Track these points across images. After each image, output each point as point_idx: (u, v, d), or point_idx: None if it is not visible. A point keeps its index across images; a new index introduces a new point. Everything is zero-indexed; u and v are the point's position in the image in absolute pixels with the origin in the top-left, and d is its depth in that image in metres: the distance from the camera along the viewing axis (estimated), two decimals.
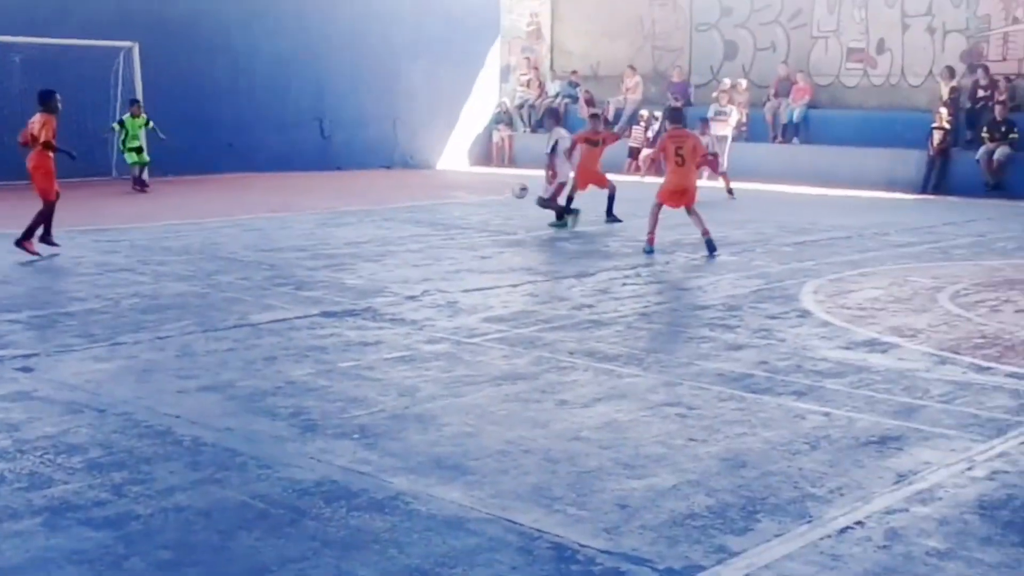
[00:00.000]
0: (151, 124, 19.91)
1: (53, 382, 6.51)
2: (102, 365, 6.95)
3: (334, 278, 10.34)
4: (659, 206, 12.14)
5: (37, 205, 11.28)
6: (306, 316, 8.49)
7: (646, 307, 9.07)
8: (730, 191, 18.91)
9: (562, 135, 14.42)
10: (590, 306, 9.06)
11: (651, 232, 12.12)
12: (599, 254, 12.05)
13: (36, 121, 11.36)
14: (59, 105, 11.47)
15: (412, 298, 9.33)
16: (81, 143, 19.68)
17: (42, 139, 11.24)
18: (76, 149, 12.26)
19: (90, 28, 19.79)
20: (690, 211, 12.10)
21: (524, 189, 14.71)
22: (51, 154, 11.39)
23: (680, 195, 12.14)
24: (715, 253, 11.81)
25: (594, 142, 14.94)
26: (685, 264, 11.45)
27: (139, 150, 19.79)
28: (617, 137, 16.12)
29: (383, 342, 7.67)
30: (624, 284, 10.15)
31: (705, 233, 11.93)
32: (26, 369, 6.80)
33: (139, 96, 20.54)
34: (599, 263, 11.35)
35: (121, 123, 19.71)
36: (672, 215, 12.29)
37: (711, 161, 17.91)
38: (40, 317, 8.33)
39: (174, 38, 21.24)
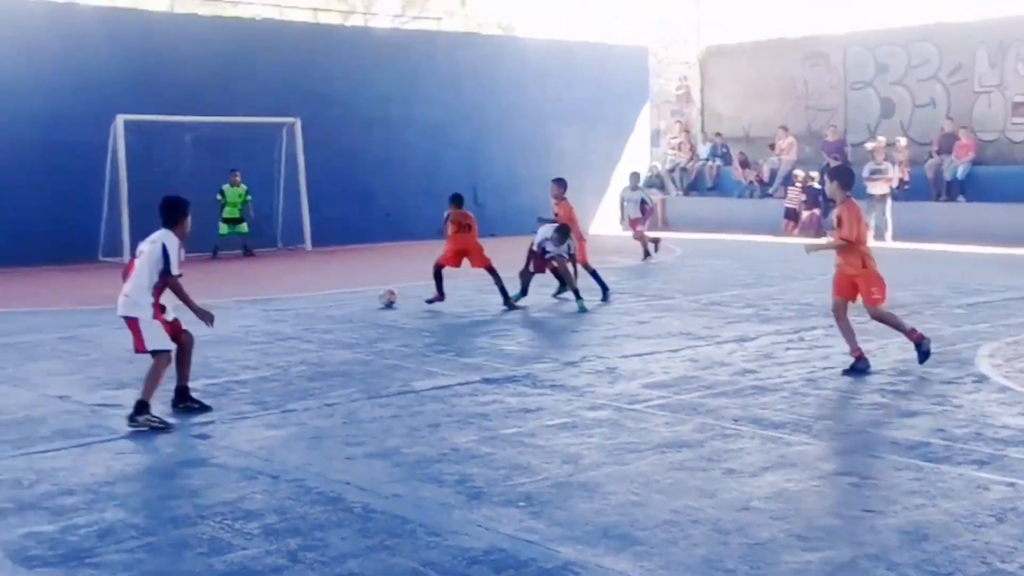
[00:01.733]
0: (249, 197, 20.19)
1: (229, 449, 6.72)
2: (274, 432, 7.15)
3: (493, 344, 10.43)
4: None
5: None
6: (467, 383, 8.57)
7: (812, 372, 8.84)
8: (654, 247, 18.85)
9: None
10: (753, 371, 8.89)
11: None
12: (758, 318, 11.82)
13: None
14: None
15: (571, 364, 9.33)
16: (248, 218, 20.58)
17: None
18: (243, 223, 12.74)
19: (254, 106, 20.65)
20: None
21: (391, 299, 13.27)
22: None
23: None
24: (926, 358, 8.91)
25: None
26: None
27: (235, 221, 20.14)
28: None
29: (544, 408, 7.67)
30: (787, 349, 9.92)
31: (914, 335, 8.92)
32: (203, 436, 7.05)
33: (301, 170, 21.23)
34: (759, 327, 11.14)
35: (222, 192, 20.02)
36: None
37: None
38: (215, 385, 8.63)
39: (333, 112, 22.01)
